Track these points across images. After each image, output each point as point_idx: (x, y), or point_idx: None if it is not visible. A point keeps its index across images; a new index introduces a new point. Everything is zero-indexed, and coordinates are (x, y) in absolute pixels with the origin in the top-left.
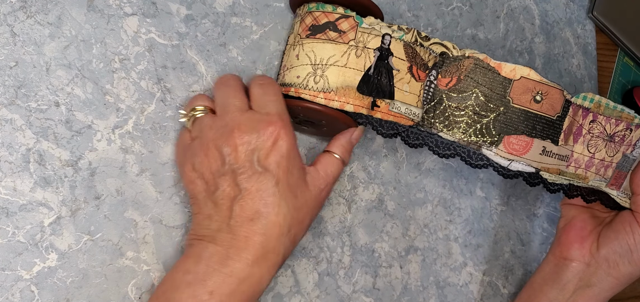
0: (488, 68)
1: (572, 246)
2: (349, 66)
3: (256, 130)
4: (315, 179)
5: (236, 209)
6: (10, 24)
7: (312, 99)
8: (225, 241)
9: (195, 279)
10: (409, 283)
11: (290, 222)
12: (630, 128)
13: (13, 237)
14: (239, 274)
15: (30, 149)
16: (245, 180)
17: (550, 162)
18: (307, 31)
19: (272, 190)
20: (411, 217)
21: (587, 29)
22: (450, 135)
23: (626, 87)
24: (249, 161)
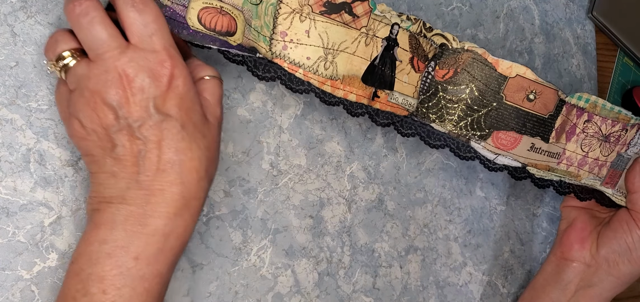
0: (485, 63)
1: (573, 246)
2: (357, 54)
3: (145, 72)
4: (210, 108)
5: (144, 163)
6: (10, 24)
7: (320, 86)
8: (138, 198)
9: (115, 247)
10: (408, 283)
11: (206, 164)
12: (626, 128)
13: (13, 237)
14: (163, 230)
15: (30, 149)
16: (146, 131)
17: (538, 159)
18: (322, 7)
19: (180, 135)
20: (411, 217)
21: (586, 29)
22: (441, 126)
23: (626, 87)
24: (145, 110)
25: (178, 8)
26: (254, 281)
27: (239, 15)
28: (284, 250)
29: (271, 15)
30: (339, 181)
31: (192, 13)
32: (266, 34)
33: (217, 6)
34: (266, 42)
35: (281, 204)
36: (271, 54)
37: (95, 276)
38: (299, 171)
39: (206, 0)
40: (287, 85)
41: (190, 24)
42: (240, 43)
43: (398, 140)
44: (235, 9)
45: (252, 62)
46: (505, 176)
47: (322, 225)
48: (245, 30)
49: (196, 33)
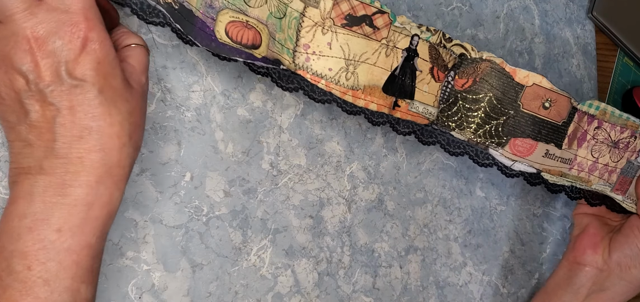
0: (503, 72)
1: (585, 251)
2: (378, 65)
3: (57, 35)
4: (134, 75)
5: (59, 130)
6: None
7: (342, 96)
8: (56, 167)
9: (35, 220)
10: (408, 283)
11: (129, 130)
12: (635, 135)
13: None
14: (85, 199)
15: None
16: (59, 96)
17: (552, 165)
18: (343, 20)
19: (98, 100)
20: (411, 217)
21: (586, 29)
22: (462, 134)
23: (626, 87)
24: (56, 75)
25: (208, 20)
26: (254, 281)
27: (263, 29)
28: (284, 250)
29: (294, 29)
30: (339, 181)
31: (220, 26)
32: (289, 46)
33: (243, 20)
34: (289, 55)
35: (281, 204)
36: (294, 65)
37: (18, 252)
38: (299, 171)
39: (233, 15)
40: (309, 95)
41: (218, 37)
42: (264, 55)
43: (398, 141)
44: (260, 23)
45: (276, 74)
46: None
47: (322, 225)
48: (269, 43)
49: (224, 45)
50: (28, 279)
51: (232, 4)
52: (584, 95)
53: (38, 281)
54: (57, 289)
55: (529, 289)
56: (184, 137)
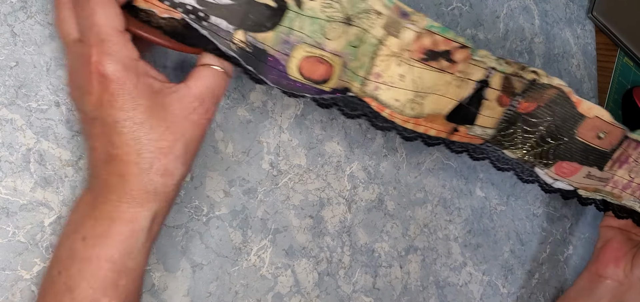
0: (568, 101)
1: (608, 264)
2: (446, 96)
3: (78, 73)
4: (182, 98)
5: (91, 154)
6: (10, 24)
7: (402, 124)
8: (94, 186)
9: (72, 228)
10: (408, 283)
11: (150, 158)
12: None
13: (13, 237)
14: (109, 215)
15: (30, 149)
16: (87, 126)
17: (590, 183)
18: (422, 55)
19: (115, 130)
20: (411, 217)
21: (586, 29)
22: (513, 153)
23: (626, 87)
24: (82, 110)
25: (281, 57)
26: (254, 281)
27: (337, 61)
28: (284, 250)
29: (369, 56)
30: (339, 181)
31: (293, 62)
32: (361, 74)
33: (317, 55)
34: (359, 81)
35: (281, 204)
36: (363, 92)
37: (55, 257)
38: (299, 171)
39: (309, 49)
40: (371, 122)
41: (289, 73)
42: (333, 87)
43: (398, 141)
44: (335, 56)
45: (342, 102)
46: (505, 176)
47: (322, 225)
48: (340, 73)
49: (294, 82)
50: (57, 283)
51: (308, 37)
52: (584, 96)
53: (63, 287)
54: (78, 298)
55: (529, 289)
56: None
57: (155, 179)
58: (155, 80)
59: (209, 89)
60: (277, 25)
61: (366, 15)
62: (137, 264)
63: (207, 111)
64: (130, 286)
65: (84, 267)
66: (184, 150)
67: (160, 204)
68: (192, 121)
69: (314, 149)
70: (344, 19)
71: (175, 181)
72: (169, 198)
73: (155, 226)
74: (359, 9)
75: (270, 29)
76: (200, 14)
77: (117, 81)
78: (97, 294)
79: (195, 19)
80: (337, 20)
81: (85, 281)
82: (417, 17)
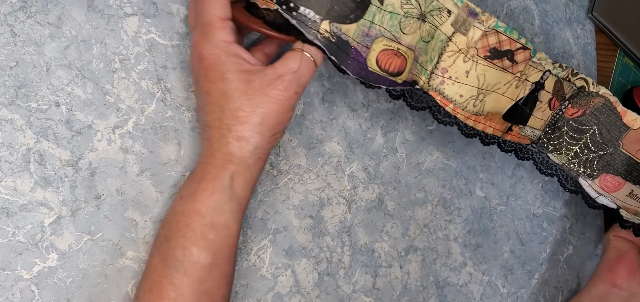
0: (614, 111)
1: (623, 276)
2: (506, 95)
3: (190, 54)
4: (264, 76)
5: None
6: (10, 24)
7: (464, 120)
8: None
9: (177, 192)
10: (408, 283)
11: (228, 124)
12: None
13: (13, 237)
14: (198, 175)
15: (30, 149)
16: (197, 101)
17: (632, 204)
18: (487, 52)
19: (206, 100)
20: (411, 217)
21: (586, 29)
22: (557, 158)
23: (626, 87)
24: (193, 83)
25: (363, 49)
26: (254, 281)
27: (410, 55)
28: (284, 250)
29: (438, 51)
30: (339, 181)
31: (372, 55)
32: (428, 67)
33: (394, 48)
34: (426, 75)
35: (281, 204)
36: (428, 86)
37: (165, 217)
38: (299, 171)
39: (386, 43)
40: (434, 115)
41: (369, 65)
42: (405, 79)
43: (398, 140)
44: (409, 49)
45: (409, 94)
46: (505, 176)
47: (322, 225)
48: (411, 67)
49: (372, 73)
50: (160, 235)
51: (387, 31)
52: None
53: (163, 238)
54: (173, 246)
55: (529, 289)
56: (184, 137)
57: (233, 143)
58: (245, 61)
59: (291, 70)
60: (360, 18)
61: (438, 12)
62: (225, 221)
63: (286, 89)
64: (220, 241)
65: (179, 220)
66: (260, 120)
67: (238, 167)
68: (271, 97)
69: (314, 149)
70: (419, 15)
71: (251, 147)
72: (246, 164)
73: (237, 187)
74: (432, 6)
75: (354, 22)
76: (291, 5)
77: (209, 58)
78: (187, 242)
79: (287, 9)
80: (413, 16)
81: (179, 231)
82: (484, 16)
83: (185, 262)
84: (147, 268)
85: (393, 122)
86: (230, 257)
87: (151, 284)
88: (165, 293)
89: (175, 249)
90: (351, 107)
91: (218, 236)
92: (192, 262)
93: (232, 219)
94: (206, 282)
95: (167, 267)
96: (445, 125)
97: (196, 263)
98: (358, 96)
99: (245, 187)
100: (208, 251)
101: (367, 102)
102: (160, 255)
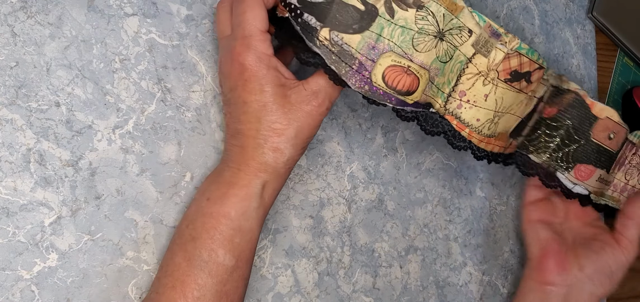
0: (583, 104)
1: (553, 271)
2: (516, 113)
3: (224, 60)
4: (300, 92)
5: (225, 130)
6: (10, 24)
7: (478, 144)
8: (223, 158)
9: (201, 192)
10: (408, 283)
11: (265, 135)
12: None
13: (13, 237)
14: (228, 180)
15: (30, 149)
16: (224, 104)
17: (599, 187)
18: (508, 75)
19: (242, 109)
20: (411, 217)
21: (586, 29)
22: (537, 157)
23: (626, 87)
24: (223, 91)
25: (367, 63)
26: (254, 281)
27: (424, 74)
28: (284, 250)
29: (456, 73)
30: (339, 181)
31: (378, 69)
32: (446, 90)
33: (404, 65)
34: (443, 98)
35: (281, 204)
36: (444, 110)
37: (186, 215)
38: (299, 171)
39: (395, 58)
40: (449, 141)
41: (373, 80)
42: (417, 101)
43: (398, 140)
44: (422, 69)
45: (423, 117)
46: (505, 176)
47: (322, 225)
48: (425, 88)
49: (376, 89)
50: (184, 234)
51: (397, 46)
52: None
53: (188, 237)
54: (199, 247)
55: None
56: (184, 137)
57: (268, 153)
58: (282, 75)
59: (323, 88)
60: (365, 29)
61: (458, 31)
62: (250, 226)
63: (320, 106)
64: (244, 245)
65: (206, 221)
66: (294, 134)
67: (270, 177)
68: (306, 111)
69: (314, 149)
70: (437, 33)
71: (284, 159)
72: (278, 174)
73: (266, 195)
74: (451, 24)
75: (357, 32)
76: (297, 12)
77: (251, 70)
78: (214, 244)
79: (294, 17)
80: (430, 34)
81: (206, 233)
82: (508, 37)
83: (211, 263)
84: (169, 265)
85: (393, 122)
86: (250, 260)
87: (174, 282)
88: (188, 292)
89: (201, 249)
90: (351, 107)
91: (243, 240)
92: (217, 264)
93: (256, 224)
94: (227, 283)
95: (192, 267)
96: (459, 151)
97: (221, 265)
98: (358, 96)
99: (272, 195)
100: (232, 254)
101: (367, 102)
102: (184, 254)
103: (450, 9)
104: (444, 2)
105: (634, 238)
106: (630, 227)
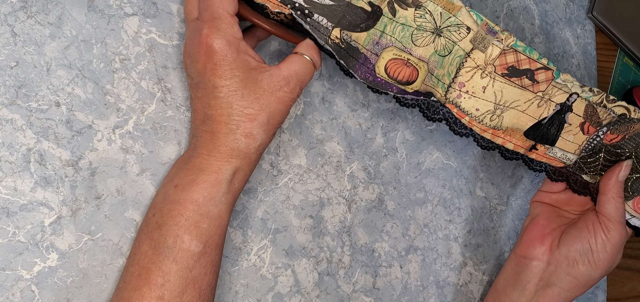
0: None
1: (533, 243)
2: (526, 113)
3: (191, 43)
4: (271, 77)
5: (193, 114)
6: (10, 24)
7: (481, 134)
8: (191, 144)
9: (168, 179)
10: (408, 283)
11: (237, 121)
12: None
13: (13, 237)
14: (198, 166)
15: (30, 149)
16: (192, 88)
17: None
18: (505, 70)
19: (213, 94)
20: (411, 217)
21: (586, 29)
22: (592, 179)
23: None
24: (190, 75)
25: (372, 57)
26: (254, 281)
27: (422, 66)
28: (284, 250)
29: (455, 66)
30: (339, 181)
31: (381, 62)
32: (446, 81)
33: (404, 58)
34: (443, 89)
35: (281, 204)
36: (445, 99)
37: (152, 203)
38: (299, 171)
39: (396, 52)
40: (451, 127)
41: (377, 72)
42: (417, 90)
43: (398, 140)
44: (421, 61)
45: (424, 104)
46: (505, 176)
47: (322, 225)
48: (425, 79)
49: (379, 80)
50: (151, 222)
51: (398, 41)
52: None
53: (154, 225)
54: (164, 233)
55: None
56: (184, 137)
57: (240, 139)
58: (252, 59)
59: (295, 73)
60: (371, 27)
61: (456, 28)
62: (219, 212)
63: (292, 92)
64: (212, 231)
65: (173, 208)
66: (266, 119)
67: (242, 163)
68: (277, 97)
69: (314, 149)
70: (434, 30)
71: (256, 144)
72: (249, 159)
73: (236, 181)
74: (449, 22)
75: (364, 30)
76: (305, 12)
77: (220, 53)
78: (180, 230)
79: (301, 15)
80: (427, 30)
81: (172, 219)
82: (503, 35)
83: (176, 250)
84: (136, 254)
85: (393, 122)
86: (219, 246)
87: (140, 270)
88: (152, 279)
89: (166, 236)
90: (351, 107)
91: (211, 226)
92: (182, 250)
93: (225, 210)
94: (194, 269)
95: (157, 253)
96: (461, 137)
97: (187, 250)
98: (358, 96)
99: (242, 181)
100: (199, 240)
101: (367, 102)
102: (150, 241)
103: (447, 8)
104: (441, 1)
105: (612, 214)
106: (605, 203)
